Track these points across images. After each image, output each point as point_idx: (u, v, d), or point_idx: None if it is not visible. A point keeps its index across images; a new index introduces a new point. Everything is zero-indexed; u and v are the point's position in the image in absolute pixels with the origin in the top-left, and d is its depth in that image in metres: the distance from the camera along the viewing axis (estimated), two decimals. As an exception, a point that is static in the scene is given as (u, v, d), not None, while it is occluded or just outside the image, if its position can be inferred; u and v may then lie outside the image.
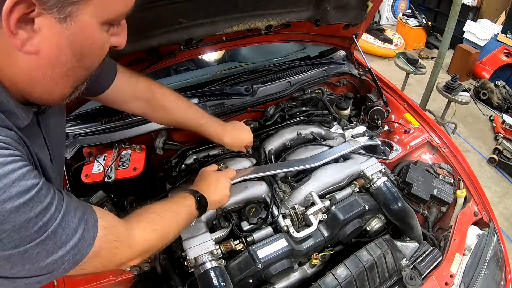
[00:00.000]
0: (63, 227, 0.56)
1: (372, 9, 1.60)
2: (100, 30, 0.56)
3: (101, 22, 0.55)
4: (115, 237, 0.68)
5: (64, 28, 0.51)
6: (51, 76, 0.56)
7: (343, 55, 2.03)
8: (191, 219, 0.97)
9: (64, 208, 0.57)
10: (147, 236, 0.79)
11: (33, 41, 0.50)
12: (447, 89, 3.30)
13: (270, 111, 1.61)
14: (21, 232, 0.50)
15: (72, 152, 1.29)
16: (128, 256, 0.73)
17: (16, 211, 0.49)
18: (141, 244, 0.77)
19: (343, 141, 1.51)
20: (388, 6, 6.47)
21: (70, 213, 0.58)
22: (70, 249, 0.57)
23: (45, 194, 0.54)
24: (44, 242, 0.53)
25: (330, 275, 1.09)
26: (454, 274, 1.18)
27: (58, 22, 0.50)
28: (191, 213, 0.95)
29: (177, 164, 1.38)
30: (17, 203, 0.49)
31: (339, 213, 1.21)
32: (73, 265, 0.59)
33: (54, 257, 0.55)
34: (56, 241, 0.55)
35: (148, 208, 0.86)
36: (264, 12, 1.37)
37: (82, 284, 1.06)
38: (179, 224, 0.90)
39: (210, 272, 1.02)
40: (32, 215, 0.51)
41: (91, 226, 0.62)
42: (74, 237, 0.58)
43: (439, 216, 1.49)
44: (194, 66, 2.21)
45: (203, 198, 1.00)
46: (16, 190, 0.49)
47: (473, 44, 5.22)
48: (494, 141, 3.84)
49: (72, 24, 0.51)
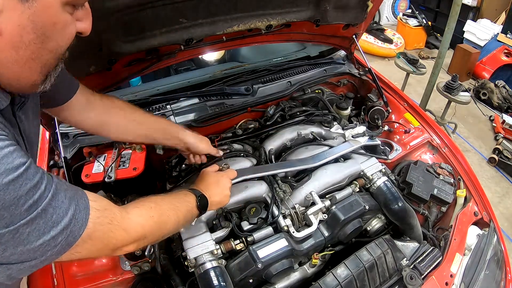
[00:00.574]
0: (54, 206, 0.56)
1: (372, 9, 1.60)
2: (62, 10, 0.56)
3: (63, 2, 0.56)
4: (109, 220, 0.68)
5: (26, 7, 0.51)
6: (16, 59, 0.55)
7: (343, 55, 2.03)
8: (190, 217, 0.96)
9: (54, 188, 0.57)
10: (144, 221, 0.78)
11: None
12: (447, 89, 3.30)
13: (270, 111, 1.61)
14: (11, 210, 0.50)
15: (72, 152, 1.29)
16: (123, 240, 0.72)
17: (5, 188, 0.49)
18: (137, 229, 0.76)
19: (343, 141, 1.51)
20: (388, 6, 6.47)
21: (60, 193, 0.58)
22: (62, 230, 0.57)
23: (33, 172, 0.54)
24: (35, 221, 0.53)
25: (330, 275, 1.09)
26: (454, 274, 1.18)
27: (20, 2, 0.51)
28: (190, 211, 0.95)
29: (177, 164, 1.38)
30: (6, 180, 0.49)
31: (339, 213, 1.21)
32: (66, 247, 0.59)
33: (46, 238, 0.55)
34: (47, 220, 0.55)
35: (147, 198, 0.86)
36: (264, 12, 1.37)
37: (82, 284, 1.06)
38: (178, 218, 0.89)
39: (210, 272, 1.02)
40: (21, 193, 0.51)
41: (82, 208, 0.62)
42: (65, 217, 0.57)
43: (439, 216, 1.49)
44: (194, 66, 2.21)
45: (203, 198, 1.00)
46: (4, 167, 0.49)
47: (473, 44, 5.21)
48: (494, 141, 3.84)
49: (33, 3, 0.52)
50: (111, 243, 0.70)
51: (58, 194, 0.58)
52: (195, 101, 1.59)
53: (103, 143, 1.34)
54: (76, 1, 0.58)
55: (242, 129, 1.55)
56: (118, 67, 1.26)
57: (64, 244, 0.58)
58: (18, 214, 0.51)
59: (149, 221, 0.80)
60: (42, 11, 0.53)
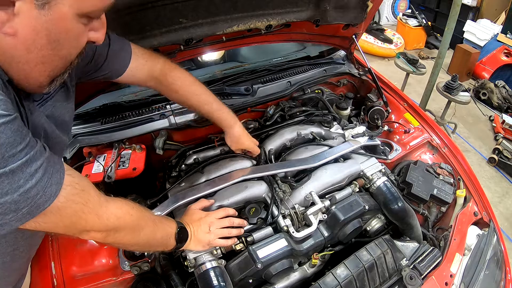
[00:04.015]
0: (24, 171, 0.55)
1: (372, 9, 1.60)
2: (76, 21, 0.59)
3: (78, 13, 0.58)
4: (84, 201, 0.68)
5: (42, 14, 0.54)
6: (27, 60, 0.57)
7: (343, 55, 2.03)
8: (166, 242, 0.95)
9: (32, 154, 0.56)
10: (121, 214, 0.78)
11: (11, 23, 0.53)
12: (447, 89, 3.30)
13: (270, 111, 1.61)
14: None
15: (72, 152, 1.29)
16: (93, 225, 0.72)
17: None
18: (112, 220, 0.76)
19: (343, 141, 1.51)
20: (388, 6, 6.47)
21: (36, 161, 0.57)
22: (26, 198, 0.56)
23: (14, 129, 0.53)
24: (0, 178, 0.52)
25: (330, 275, 1.08)
26: (454, 274, 1.18)
27: (36, 8, 0.53)
28: (168, 236, 0.95)
29: (177, 164, 1.38)
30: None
31: (339, 213, 1.21)
32: (28, 216, 0.58)
33: (7, 199, 0.54)
34: (12, 182, 0.54)
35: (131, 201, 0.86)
36: (264, 12, 1.37)
37: (82, 284, 1.06)
38: (154, 233, 0.89)
39: (210, 272, 1.02)
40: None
41: (55, 182, 0.61)
42: (33, 186, 0.56)
43: (439, 216, 1.49)
44: (194, 66, 2.21)
45: (184, 231, 1.01)
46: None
47: (473, 44, 5.22)
48: (494, 141, 3.84)
49: (49, 12, 0.54)
50: (80, 224, 0.70)
51: (34, 162, 0.57)
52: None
53: (102, 143, 1.34)
54: (92, 13, 0.61)
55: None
56: (118, 67, 1.26)
57: (26, 212, 0.58)
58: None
59: (126, 216, 0.80)
60: (56, 20, 0.56)
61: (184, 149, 1.44)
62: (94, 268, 1.09)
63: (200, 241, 1.04)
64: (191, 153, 1.41)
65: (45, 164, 0.59)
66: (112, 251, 1.12)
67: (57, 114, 0.79)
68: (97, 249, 1.12)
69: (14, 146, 0.53)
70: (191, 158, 1.38)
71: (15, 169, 0.53)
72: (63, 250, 1.10)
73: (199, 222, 1.07)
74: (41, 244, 1.08)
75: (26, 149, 0.55)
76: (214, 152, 1.43)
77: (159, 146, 1.39)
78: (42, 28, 0.55)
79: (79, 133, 1.35)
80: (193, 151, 1.42)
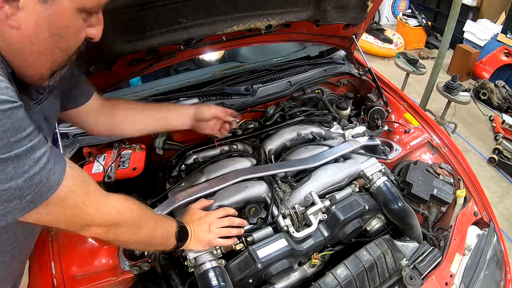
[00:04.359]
0: (29, 157, 0.56)
1: (372, 9, 1.60)
2: (76, 15, 0.62)
3: (78, 8, 0.61)
4: (85, 193, 0.69)
5: (45, 8, 0.57)
6: (30, 51, 0.60)
7: (343, 55, 2.03)
8: (166, 241, 0.95)
9: (36, 141, 0.57)
10: (122, 209, 0.79)
11: (16, 16, 0.55)
12: (447, 89, 3.30)
13: (270, 111, 1.61)
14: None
15: (72, 152, 1.29)
16: (94, 219, 0.73)
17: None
18: (113, 213, 0.76)
19: (343, 141, 1.51)
20: (388, 6, 6.47)
21: (40, 149, 0.58)
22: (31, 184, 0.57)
23: (21, 115, 0.54)
24: (5, 163, 0.53)
25: (330, 275, 1.08)
26: (454, 274, 1.18)
27: (39, 2, 0.56)
28: (168, 234, 0.95)
29: (177, 164, 1.38)
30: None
31: (339, 213, 1.21)
32: (31, 205, 0.59)
33: (12, 184, 0.54)
34: (17, 167, 0.54)
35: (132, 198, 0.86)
36: (264, 12, 1.37)
37: (82, 284, 1.06)
38: (155, 231, 0.90)
39: (210, 272, 1.02)
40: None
41: (57, 171, 0.62)
42: (37, 172, 0.57)
43: (439, 216, 1.49)
44: (194, 66, 2.21)
45: (184, 229, 1.01)
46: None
47: (473, 44, 5.22)
48: (494, 141, 3.84)
49: (51, 6, 0.57)
50: (81, 217, 0.70)
51: (38, 149, 0.58)
52: (195, 101, 1.58)
53: (102, 143, 1.34)
54: (91, 8, 0.64)
55: (242, 129, 1.55)
56: (118, 67, 1.26)
57: (30, 200, 0.58)
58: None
59: (127, 212, 0.80)
60: (58, 14, 0.59)
61: (184, 149, 1.44)
62: (94, 268, 1.09)
63: (200, 240, 1.04)
64: (191, 153, 1.41)
65: (48, 153, 0.60)
66: (112, 251, 1.12)
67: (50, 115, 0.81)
68: (97, 249, 1.12)
69: (19, 132, 0.54)
70: (191, 158, 1.38)
71: (20, 154, 0.54)
72: (63, 250, 1.10)
73: (199, 221, 1.07)
74: (41, 244, 1.08)
75: (31, 136, 0.56)
76: (214, 152, 1.43)
77: (159, 146, 1.39)
78: (44, 22, 0.58)
79: (79, 133, 1.35)
80: (193, 151, 1.42)
